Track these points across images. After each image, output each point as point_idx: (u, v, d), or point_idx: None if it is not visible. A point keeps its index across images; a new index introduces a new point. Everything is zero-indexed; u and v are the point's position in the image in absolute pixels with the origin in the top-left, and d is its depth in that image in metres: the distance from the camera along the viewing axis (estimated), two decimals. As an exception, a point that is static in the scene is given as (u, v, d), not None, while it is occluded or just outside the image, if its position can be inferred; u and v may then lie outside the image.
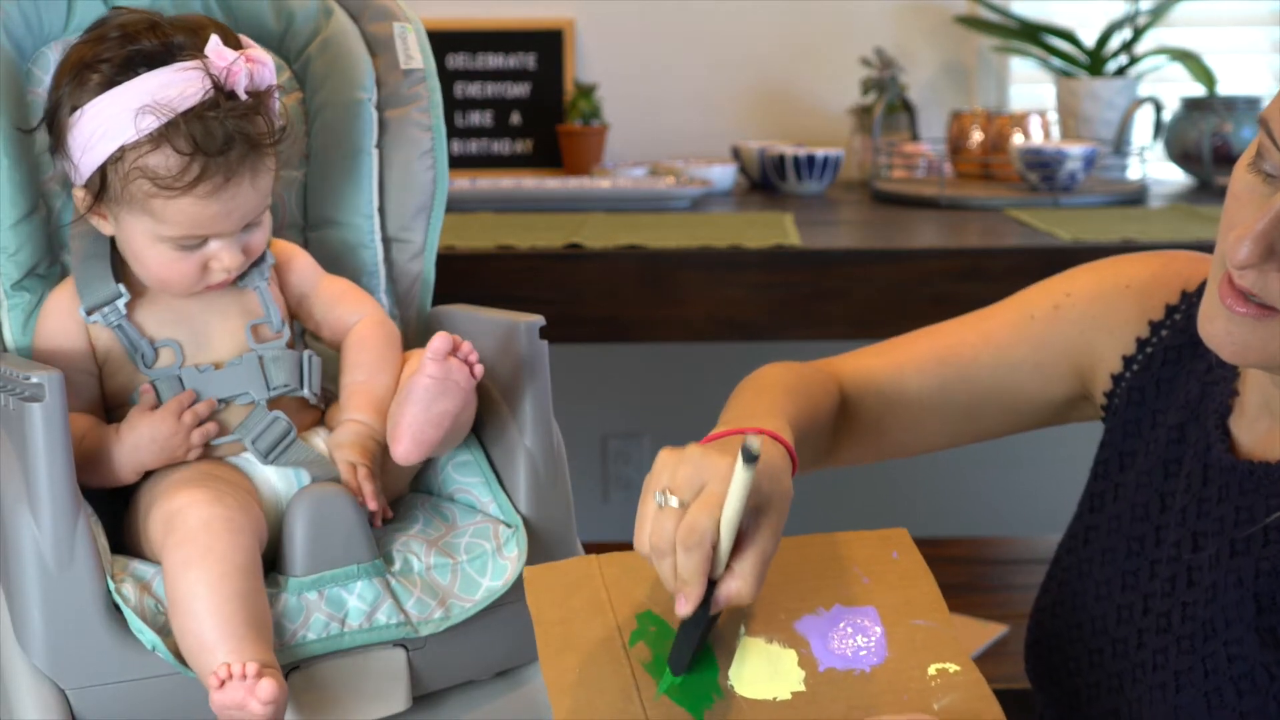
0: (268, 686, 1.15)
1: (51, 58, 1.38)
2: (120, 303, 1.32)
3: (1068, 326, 1.32)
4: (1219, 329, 1.10)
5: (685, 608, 1.04)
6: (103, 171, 1.27)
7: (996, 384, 1.34)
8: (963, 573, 2.50)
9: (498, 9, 2.94)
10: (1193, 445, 1.22)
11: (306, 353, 1.37)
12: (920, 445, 1.38)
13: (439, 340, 1.26)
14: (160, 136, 1.24)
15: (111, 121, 1.24)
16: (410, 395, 1.28)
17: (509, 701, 1.38)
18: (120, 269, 1.34)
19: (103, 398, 1.34)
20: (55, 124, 1.29)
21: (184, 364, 1.32)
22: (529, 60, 2.94)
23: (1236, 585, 1.13)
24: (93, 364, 1.33)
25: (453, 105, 2.95)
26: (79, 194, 1.30)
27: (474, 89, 2.94)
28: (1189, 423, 1.23)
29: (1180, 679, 1.15)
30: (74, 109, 1.26)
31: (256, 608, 1.22)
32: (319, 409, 1.39)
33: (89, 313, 1.31)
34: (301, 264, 1.42)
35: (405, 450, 1.28)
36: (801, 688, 1.07)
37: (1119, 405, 1.29)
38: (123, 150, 1.25)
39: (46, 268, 1.36)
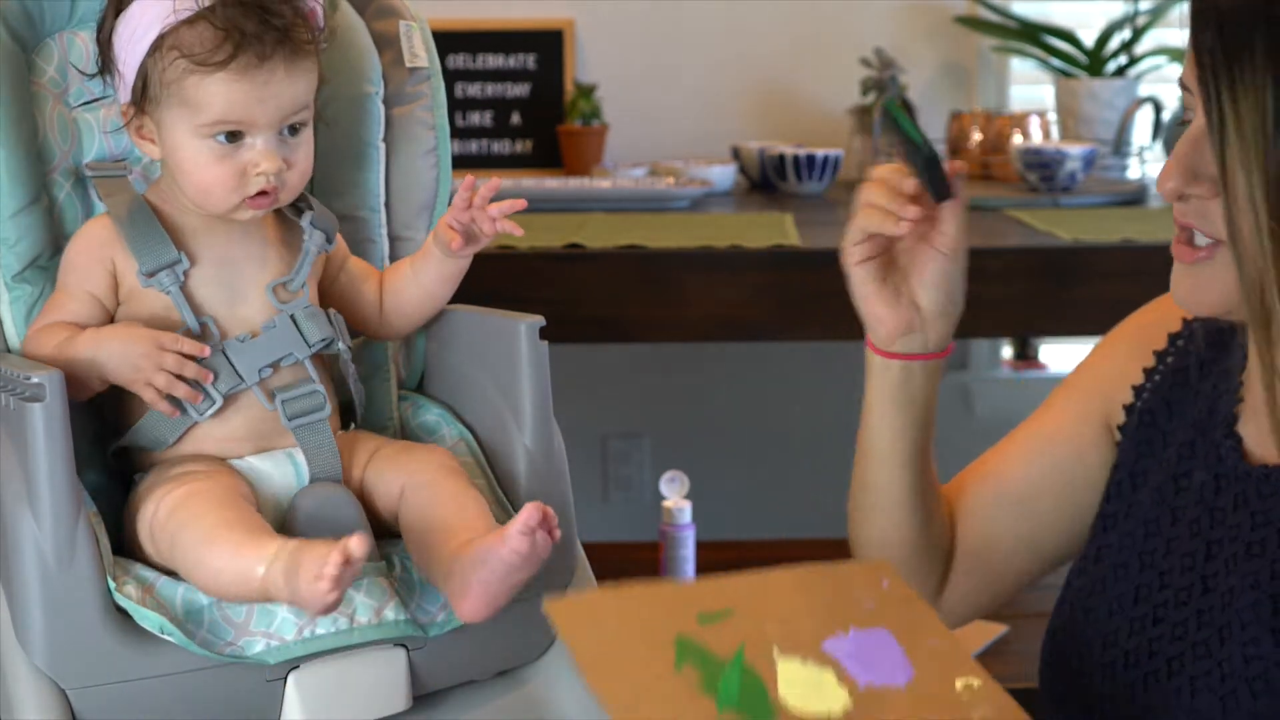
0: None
1: (55, 49, 1.38)
2: (179, 269, 1.32)
3: (1085, 390, 1.34)
4: (1180, 284, 1.15)
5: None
6: (144, 73, 1.28)
7: (1042, 474, 1.34)
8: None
9: (498, 9, 2.94)
10: (1202, 458, 1.23)
11: (330, 310, 1.37)
12: (1001, 572, 1.38)
13: (530, 513, 1.21)
14: (197, 16, 1.26)
15: (152, 10, 1.27)
16: (487, 561, 1.22)
17: (509, 701, 1.38)
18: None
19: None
20: (105, 41, 1.32)
21: (224, 338, 1.32)
22: (529, 60, 2.94)
23: (1253, 587, 1.13)
24: (112, 297, 1.33)
25: (453, 105, 2.94)
26: (126, 110, 1.32)
27: (474, 89, 2.94)
28: (1198, 438, 1.24)
29: (1196, 683, 1.15)
30: (119, 12, 1.30)
31: (256, 519, 1.24)
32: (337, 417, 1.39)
33: (149, 275, 1.31)
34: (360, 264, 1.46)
35: (473, 611, 1.23)
36: (850, 705, 1.06)
37: (1131, 428, 1.31)
38: (161, 37, 1.27)
39: (48, 259, 1.36)
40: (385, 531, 1.34)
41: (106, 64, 1.33)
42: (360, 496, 1.33)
